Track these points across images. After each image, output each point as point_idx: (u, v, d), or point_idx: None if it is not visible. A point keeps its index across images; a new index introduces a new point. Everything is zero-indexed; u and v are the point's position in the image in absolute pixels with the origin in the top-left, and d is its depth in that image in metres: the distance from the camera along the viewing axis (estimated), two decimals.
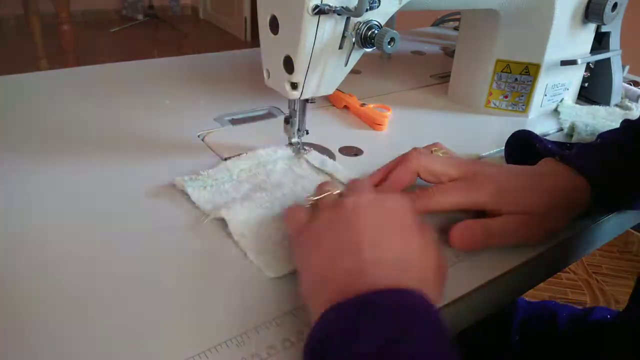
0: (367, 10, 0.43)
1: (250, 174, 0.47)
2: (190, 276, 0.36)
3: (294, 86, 0.45)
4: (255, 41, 3.59)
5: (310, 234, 0.35)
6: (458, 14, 1.03)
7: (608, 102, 0.70)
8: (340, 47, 0.44)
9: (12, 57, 2.89)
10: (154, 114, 0.60)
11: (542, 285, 1.58)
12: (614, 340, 0.47)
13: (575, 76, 0.69)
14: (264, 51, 0.48)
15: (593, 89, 0.72)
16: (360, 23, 0.43)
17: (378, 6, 0.44)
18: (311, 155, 0.51)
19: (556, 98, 0.68)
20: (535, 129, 0.63)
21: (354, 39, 0.44)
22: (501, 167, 0.45)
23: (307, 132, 0.51)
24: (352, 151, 0.55)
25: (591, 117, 0.66)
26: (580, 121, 0.63)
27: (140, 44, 3.64)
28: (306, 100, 0.48)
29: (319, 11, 0.41)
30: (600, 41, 0.68)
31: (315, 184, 0.43)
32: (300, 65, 0.44)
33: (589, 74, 0.72)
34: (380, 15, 0.45)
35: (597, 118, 0.65)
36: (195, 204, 0.43)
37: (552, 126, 0.65)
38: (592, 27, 0.65)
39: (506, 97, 0.66)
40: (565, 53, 0.64)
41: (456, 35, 0.83)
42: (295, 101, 0.48)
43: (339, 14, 0.41)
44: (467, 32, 0.67)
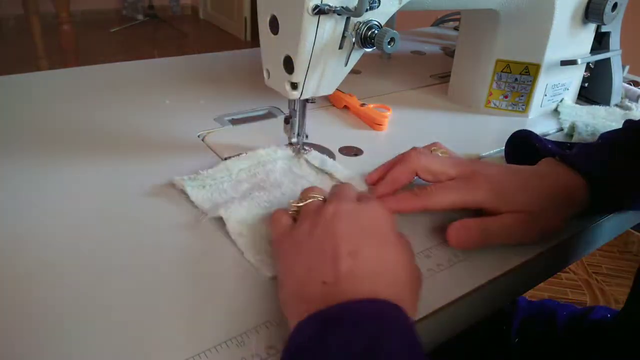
0: (367, 10, 0.43)
1: (250, 173, 0.47)
2: (191, 276, 0.36)
3: (294, 86, 0.45)
4: (255, 41, 3.60)
5: (291, 241, 0.35)
6: (458, 14, 1.03)
7: (608, 102, 0.70)
8: (340, 47, 0.44)
9: (12, 57, 2.89)
10: (154, 114, 0.60)
11: (542, 285, 1.58)
12: (613, 340, 0.47)
13: (575, 76, 0.69)
14: (264, 51, 0.48)
15: (593, 89, 0.72)
16: (360, 23, 0.43)
17: (378, 6, 0.44)
18: (311, 155, 0.51)
19: (556, 98, 0.68)
20: (535, 128, 0.63)
21: (354, 39, 0.44)
22: (500, 167, 0.45)
23: (307, 137, 0.51)
24: (352, 151, 0.55)
25: (591, 117, 0.66)
26: (580, 121, 0.63)
27: (140, 44, 3.63)
28: (306, 100, 0.48)
29: (319, 11, 0.41)
30: (600, 41, 0.68)
31: (315, 184, 0.42)
32: (300, 65, 0.44)
33: (589, 74, 0.72)
34: (380, 15, 0.45)
35: (597, 118, 0.65)
36: (194, 203, 0.43)
37: (552, 126, 0.65)
38: (592, 27, 0.65)
39: (506, 97, 0.66)
40: (565, 53, 0.64)
41: (456, 35, 0.83)
42: (295, 101, 0.48)
43: (339, 14, 0.41)
44: (467, 32, 0.67)
